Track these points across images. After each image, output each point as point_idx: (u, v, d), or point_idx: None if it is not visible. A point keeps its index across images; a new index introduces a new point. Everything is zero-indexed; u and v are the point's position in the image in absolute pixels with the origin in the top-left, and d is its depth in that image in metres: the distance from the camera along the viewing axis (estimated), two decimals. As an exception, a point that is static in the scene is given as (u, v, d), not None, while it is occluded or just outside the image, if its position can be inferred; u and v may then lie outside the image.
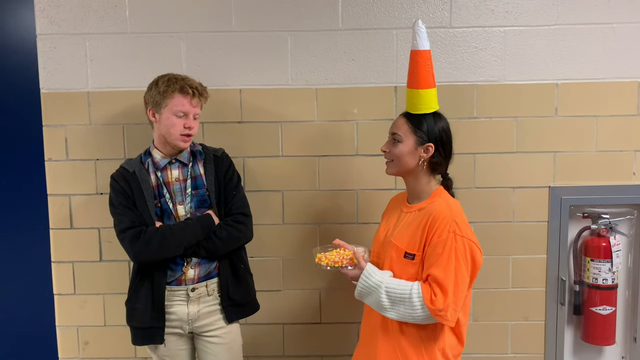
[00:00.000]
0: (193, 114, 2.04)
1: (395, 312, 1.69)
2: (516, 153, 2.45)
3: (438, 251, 1.67)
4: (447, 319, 1.64)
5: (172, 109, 2.00)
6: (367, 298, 1.74)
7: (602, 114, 2.43)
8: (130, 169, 2.07)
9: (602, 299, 2.46)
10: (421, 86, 1.78)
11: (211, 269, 2.09)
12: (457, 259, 1.65)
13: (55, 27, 2.38)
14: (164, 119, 2.02)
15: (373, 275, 1.71)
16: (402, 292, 1.67)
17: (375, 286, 1.70)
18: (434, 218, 1.70)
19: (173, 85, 2.00)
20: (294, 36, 2.40)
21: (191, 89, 2.01)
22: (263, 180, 2.45)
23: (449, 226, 1.68)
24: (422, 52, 1.78)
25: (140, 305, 2.04)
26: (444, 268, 1.65)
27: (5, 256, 2.60)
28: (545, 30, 2.40)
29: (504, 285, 2.51)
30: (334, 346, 2.55)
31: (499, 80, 2.42)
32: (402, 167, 1.80)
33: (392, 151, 1.81)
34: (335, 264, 1.76)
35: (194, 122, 2.04)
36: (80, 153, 2.44)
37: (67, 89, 2.41)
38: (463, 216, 1.74)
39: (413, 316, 1.67)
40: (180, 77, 2.04)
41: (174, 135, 2.02)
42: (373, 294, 1.71)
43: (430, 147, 1.78)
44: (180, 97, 2.00)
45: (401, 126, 1.80)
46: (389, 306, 1.69)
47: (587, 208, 2.50)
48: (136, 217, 2.02)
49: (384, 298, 1.69)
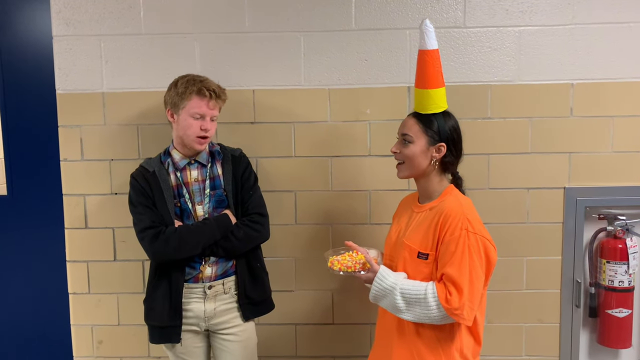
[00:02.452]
0: (210, 116, 2.04)
1: (411, 314, 1.68)
2: (531, 154, 2.43)
3: (451, 249, 1.65)
4: (464, 317, 1.63)
5: (189, 111, 2.01)
6: (382, 301, 1.73)
7: (618, 114, 2.40)
8: (150, 169, 2.08)
9: (619, 302, 2.43)
10: (431, 86, 1.77)
11: (228, 267, 2.10)
12: (470, 257, 1.64)
13: (70, 29, 2.40)
14: (182, 120, 2.03)
15: (387, 278, 1.70)
16: (417, 292, 1.66)
17: (389, 288, 1.69)
18: (446, 215, 1.69)
19: (191, 87, 2.00)
20: (307, 37, 2.40)
21: (208, 92, 2.01)
22: (276, 180, 2.46)
23: (461, 223, 1.66)
24: (431, 52, 1.77)
25: (157, 304, 2.05)
26: (458, 266, 1.63)
27: (21, 255, 2.63)
28: (560, 29, 2.38)
29: (519, 287, 2.49)
30: (346, 347, 2.55)
31: (514, 81, 2.40)
32: (415, 169, 1.79)
33: (403, 152, 1.79)
34: (348, 269, 1.73)
35: (210, 124, 2.05)
36: (95, 153, 2.46)
37: (83, 89, 2.43)
38: (475, 213, 1.73)
39: (429, 316, 1.66)
40: (199, 79, 2.04)
41: (190, 137, 2.03)
42: (388, 296, 1.70)
43: (442, 147, 1.76)
44: (198, 99, 2.00)
45: (412, 127, 1.79)
46: (404, 308, 1.68)
47: (602, 209, 2.47)
48: (156, 216, 2.02)
49: (399, 300, 1.68)
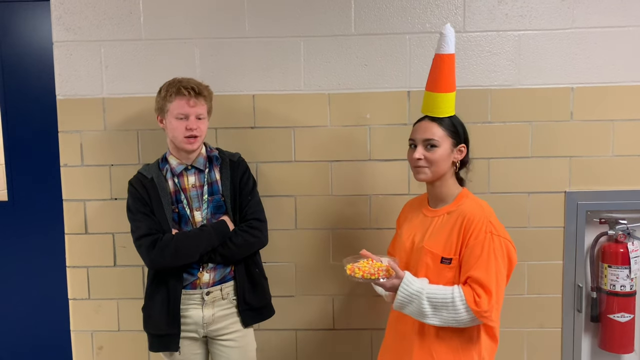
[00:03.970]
0: (194, 114, 2.01)
1: (438, 318, 1.66)
2: (531, 158, 2.43)
3: (477, 253, 1.66)
4: (492, 319, 1.64)
5: (173, 113, 2.00)
6: (408, 307, 1.69)
7: (618, 118, 2.40)
8: (148, 175, 2.06)
9: (620, 306, 2.42)
10: (446, 89, 1.79)
11: (226, 273, 2.09)
12: (496, 259, 1.65)
13: (71, 35, 2.41)
14: (169, 123, 2.02)
15: (413, 283, 1.68)
16: (444, 296, 1.65)
17: (416, 294, 1.66)
18: (469, 220, 1.70)
19: (171, 89, 2.00)
20: (306, 42, 2.40)
21: (186, 90, 1.98)
22: (276, 185, 2.45)
23: (485, 227, 1.68)
24: (450, 56, 1.79)
25: (155, 312, 2.04)
26: (485, 269, 1.64)
27: (22, 261, 2.63)
28: (560, 33, 2.37)
29: (520, 291, 2.48)
30: (347, 353, 2.53)
31: (514, 85, 2.40)
32: (439, 172, 1.78)
33: (429, 157, 1.76)
34: (372, 275, 1.66)
35: (196, 122, 2.01)
36: (95, 159, 2.46)
37: (83, 95, 2.43)
38: (495, 215, 1.75)
39: (457, 320, 1.65)
40: (179, 80, 2.02)
41: (178, 139, 2.01)
42: (414, 302, 1.67)
43: (463, 148, 1.80)
44: (178, 99, 1.99)
45: (436, 131, 1.78)
46: (430, 313, 1.66)
47: (604, 213, 2.46)
48: (153, 223, 2.01)
49: (425, 305, 1.65)
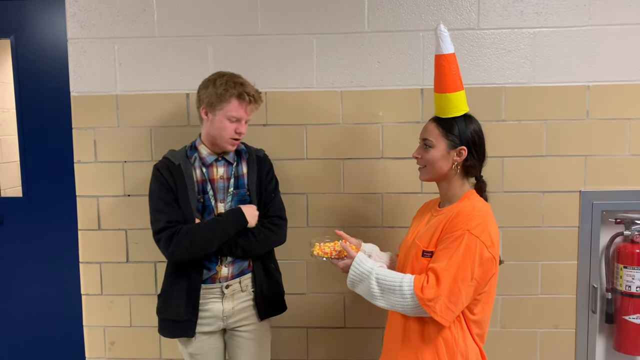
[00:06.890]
0: (246, 119, 2.03)
1: (385, 301, 1.68)
2: (546, 157, 2.40)
3: (446, 244, 1.65)
4: (436, 312, 1.60)
5: (227, 114, 1.98)
6: (359, 286, 1.73)
7: (635, 117, 2.37)
8: (176, 162, 2.03)
9: (636, 307, 2.39)
10: (449, 90, 1.76)
11: (244, 267, 2.10)
12: (463, 256, 1.61)
13: (85, 32, 2.42)
14: (217, 121, 2.00)
15: (364, 262, 1.72)
16: (393, 281, 1.67)
17: (366, 273, 1.70)
18: (455, 216, 1.68)
19: (231, 89, 1.97)
20: (319, 39, 2.40)
21: (248, 97, 1.98)
22: (288, 182, 2.44)
23: (465, 224, 1.64)
24: (447, 56, 1.76)
25: (175, 298, 2.03)
26: (446, 262, 1.62)
27: (35, 256, 2.65)
28: (576, 31, 2.35)
29: (533, 291, 2.46)
30: (358, 351, 2.53)
31: (528, 83, 2.37)
32: (436, 173, 1.78)
33: (424, 157, 1.79)
34: (325, 254, 1.81)
35: (244, 127, 2.03)
36: (108, 155, 2.47)
37: (96, 92, 2.45)
38: (486, 218, 1.68)
39: (402, 305, 1.65)
40: (239, 82, 2.01)
41: (223, 138, 2.01)
42: (364, 281, 1.71)
43: (463, 150, 1.75)
44: (237, 103, 1.98)
45: (432, 131, 1.78)
46: (379, 294, 1.68)
47: (619, 213, 2.43)
48: (174, 214, 1.98)
49: (374, 285, 1.68)
